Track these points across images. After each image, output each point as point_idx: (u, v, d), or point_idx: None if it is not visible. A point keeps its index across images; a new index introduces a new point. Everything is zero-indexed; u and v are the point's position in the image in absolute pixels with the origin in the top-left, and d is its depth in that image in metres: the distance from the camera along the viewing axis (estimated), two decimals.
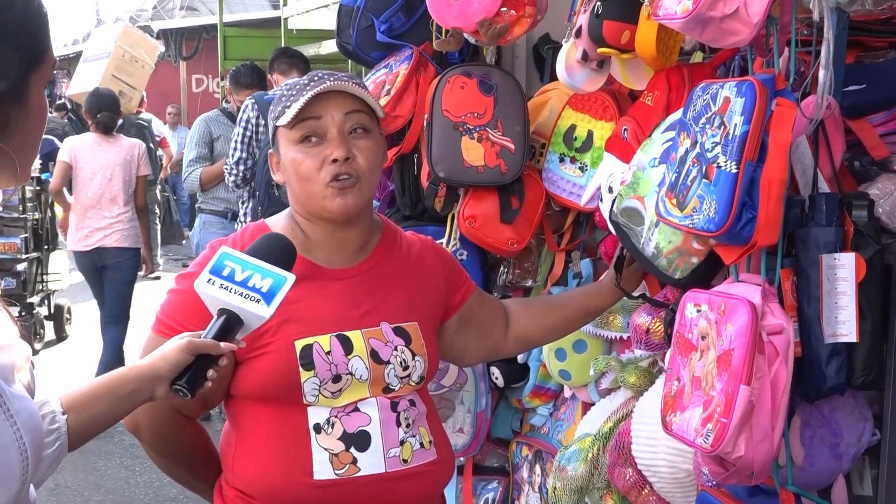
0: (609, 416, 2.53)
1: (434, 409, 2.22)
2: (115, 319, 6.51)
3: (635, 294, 2.41)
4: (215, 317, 1.78)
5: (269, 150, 2.17)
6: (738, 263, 2.01)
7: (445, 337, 2.29)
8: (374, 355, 2.06)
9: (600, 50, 2.34)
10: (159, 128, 11.06)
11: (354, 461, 2.03)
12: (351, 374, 2.03)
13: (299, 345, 2.02)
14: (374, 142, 2.12)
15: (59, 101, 17.76)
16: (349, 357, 2.04)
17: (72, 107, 14.52)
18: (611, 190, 2.47)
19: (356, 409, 2.04)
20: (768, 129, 1.88)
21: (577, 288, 2.67)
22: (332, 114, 2.07)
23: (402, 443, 2.07)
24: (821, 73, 1.94)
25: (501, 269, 3.03)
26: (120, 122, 10.89)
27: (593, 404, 2.70)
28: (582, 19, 2.39)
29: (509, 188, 2.82)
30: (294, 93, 2.08)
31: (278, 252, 1.87)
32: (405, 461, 2.06)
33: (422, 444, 2.10)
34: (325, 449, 2.02)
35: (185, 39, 15.61)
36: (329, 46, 5.97)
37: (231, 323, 1.76)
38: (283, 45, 6.55)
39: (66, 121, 13.51)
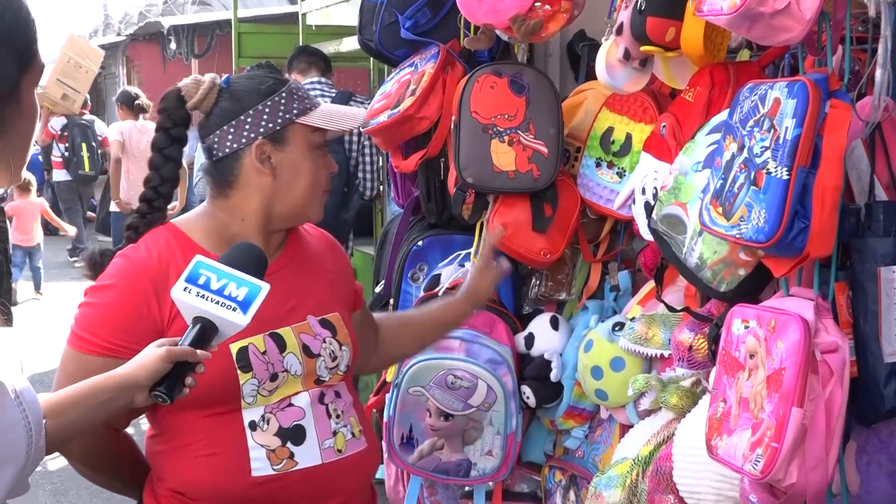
0: (649, 439, 2.52)
1: (359, 400, 2.36)
2: None
3: (678, 308, 2.40)
4: (191, 325, 1.88)
5: (261, 138, 2.17)
6: (789, 276, 1.99)
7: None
8: (305, 350, 2.20)
9: (643, 48, 2.34)
10: (101, 128, 12.20)
11: (291, 455, 2.16)
12: (286, 370, 2.16)
13: (234, 348, 2.12)
14: None
15: None
16: (283, 355, 2.17)
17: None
18: (644, 191, 2.46)
19: (290, 405, 2.18)
20: (822, 132, 1.87)
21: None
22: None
23: (334, 433, 2.22)
24: (877, 73, 1.93)
25: (533, 281, 3.03)
26: (65, 121, 11.77)
27: (632, 426, 2.69)
28: (623, 15, 2.38)
29: (542, 195, 2.81)
30: (307, 95, 2.20)
31: (250, 261, 1.98)
32: (339, 451, 2.22)
33: (353, 434, 2.25)
34: (262, 446, 2.15)
35: (197, 36, 15.69)
36: (350, 44, 5.96)
37: (206, 331, 1.88)
38: (301, 43, 6.56)
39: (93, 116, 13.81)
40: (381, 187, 5.61)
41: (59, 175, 12.22)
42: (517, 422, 2.91)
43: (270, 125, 2.19)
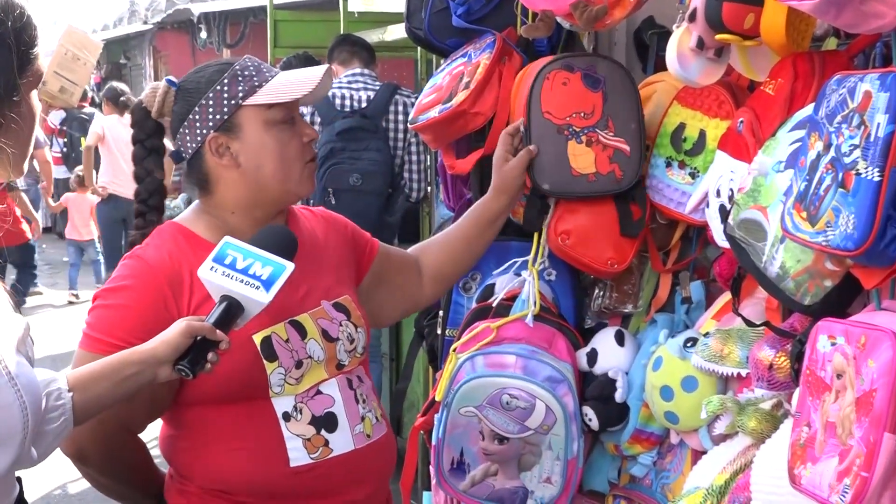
0: (724, 467, 2.50)
1: (373, 383, 2.59)
2: None
3: (757, 322, 2.39)
4: (217, 302, 2.11)
5: (212, 132, 2.35)
6: (882, 288, 1.98)
7: (361, 300, 2.62)
8: (325, 335, 2.42)
9: (719, 36, 2.33)
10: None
11: (327, 443, 2.38)
12: (310, 357, 2.38)
13: (257, 338, 2.33)
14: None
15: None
16: (305, 341, 2.38)
17: (100, 101, 15.52)
18: (719, 194, 2.45)
19: (319, 392, 2.40)
20: None
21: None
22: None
23: (362, 419, 2.45)
24: None
25: (597, 292, 3.03)
26: (64, 115, 12.23)
27: (705, 452, 2.68)
28: (697, 1, 2.38)
29: (627, 195, 2.82)
30: (253, 72, 2.33)
31: (280, 242, 2.21)
32: (368, 436, 2.45)
33: (376, 418, 2.51)
34: (298, 435, 2.36)
35: (229, 24, 15.82)
36: (396, 32, 6.02)
37: (232, 309, 2.10)
38: (342, 31, 6.61)
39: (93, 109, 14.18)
40: (429, 188, 5.63)
41: (58, 172, 12.60)
42: (579, 446, 2.90)
43: (218, 116, 2.34)
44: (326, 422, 2.40)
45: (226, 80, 2.34)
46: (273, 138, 2.35)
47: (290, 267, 2.14)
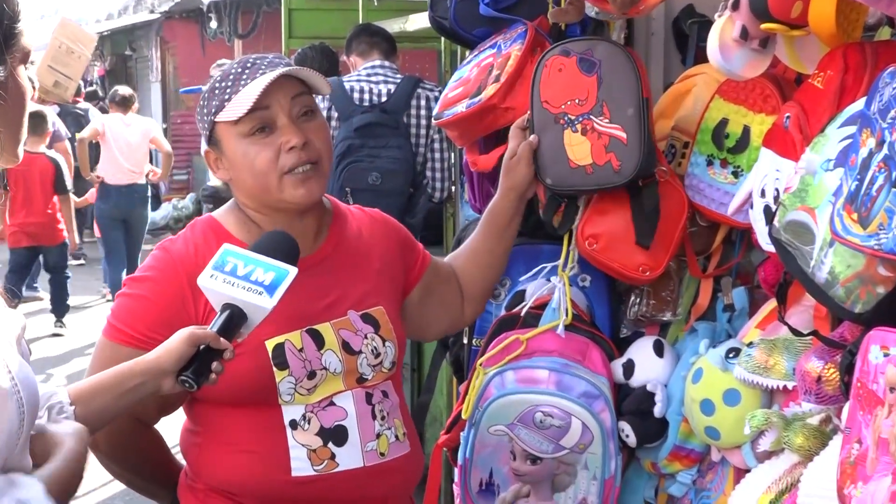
0: (769, 487, 2.50)
1: (405, 401, 2.62)
2: None
3: (804, 331, 2.39)
4: (219, 312, 2.16)
5: (206, 146, 2.51)
6: None
7: (408, 313, 2.71)
8: (345, 347, 2.46)
9: (764, 26, 2.32)
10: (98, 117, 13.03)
11: (333, 456, 2.42)
12: (325, 368, 2.43)
13: (270, 345, 2.40)
14: (322, 121, 2.52)
15: (89, 89, 18.30)
16: (322, 351, 2.43)
17: (104, 95, 15.72)
18: (763, 194, 2.44)
19: (332, 404, 2.44)
20: None
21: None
22: (280, 101, 2.41)
23: (378, 436, 2.48)
24: None
25: (633, 299, 3.02)
26: (58, 110, 12.60)
27: (748, 471, 2.67)
28: None
29: (639, 198, 2.77)
30: (230, 84, 2.42)
31: (280, 247, 2.25)
32: (382, 454, 2.47)
33: (397, 437, 2.52)
34: (303, 445, 2.41)
35: (240, 13, 15.88)
36: (418, 22, 6.01)
37: (235, 317, 2.15)
38: (361, 21, 6.62)
39: (97, 110, 14.34)
40: (454, 188, 5.63)
41: None
42: (616, 465, 2.90)
43: (204, 132, 2.50)
44: (335, 435, 2.44)
45: (207, 94, 2.47)
46: (242, 152, 2.44)
47: (293, 271, 2.19)
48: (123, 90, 11.85)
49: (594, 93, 2.74)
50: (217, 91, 2.45)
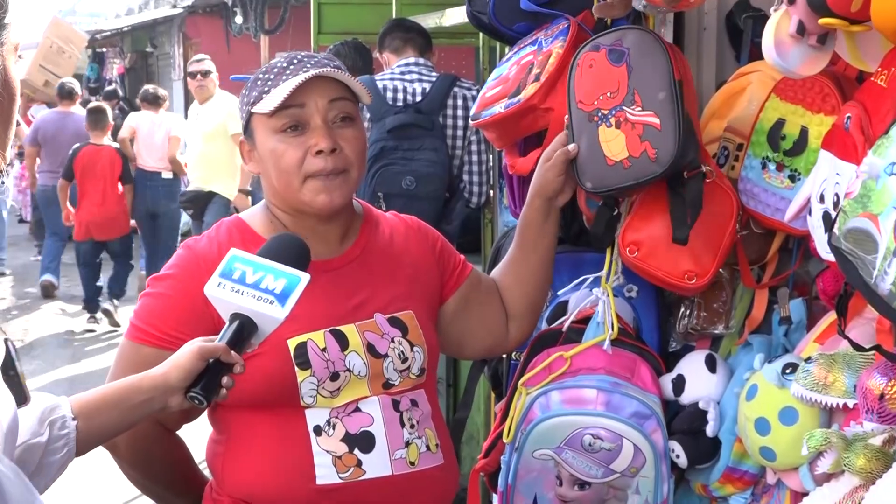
0: None
1: (439, 412, 2.64)
2: None
3: (866, 346, 2.38)
4: (227, 322, 2.16)
5: (241, 137, 2.59)
6: None
7: (444, 325, 2.75)
8: (370, 349, 2.50)
9: (823, 21, 2.31)
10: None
11: (359, 463, 2.45)
12: (349, 370, 2.46)
13: (292, 343, 2.44)
14: (360, 130, 2.56)
15: (108, 89, 18.44)
16: (346, 353, 2.46)
17: (124, 94, 15.93)
18: (822, 199, 2.43)
19: (357, 409, 2.47)
20: None
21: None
22: (316, 101, 2.47)
23: (407, 444, 2.50)
24: None
25: (682, 310, 3.02)
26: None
27: (806, 494, 2.66)
28: None
29: (680, 191, 2.71)
30: (272, 76, 2.49)
31: (291, 252, 2.27)
32: (412, 463, 2.49)
33: (428, 447, 2.54)
34: (328, 451, 2.44)
35: (267, 8, 15.94)
36: (455, 16, 6.01)
37: (244, 328, 2.15)
38: (395, 15, 6.63)
39: (117, 111, 14.54)
40: (492, 192, 5.64)
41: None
42: (669, 487, 2.89)
43: (242, 122, 2.57)
44: (361, 441, 2.46)
45: (249, 84, 2.54)
46: (271, 147, 2.51)
47: (305, 278, 2.19)
48: (155, 89, 12.50)
49: (625, 82, 2.71)
50: (259, 82, 2.52)
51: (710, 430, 2.87)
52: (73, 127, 12.47)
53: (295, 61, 2.50)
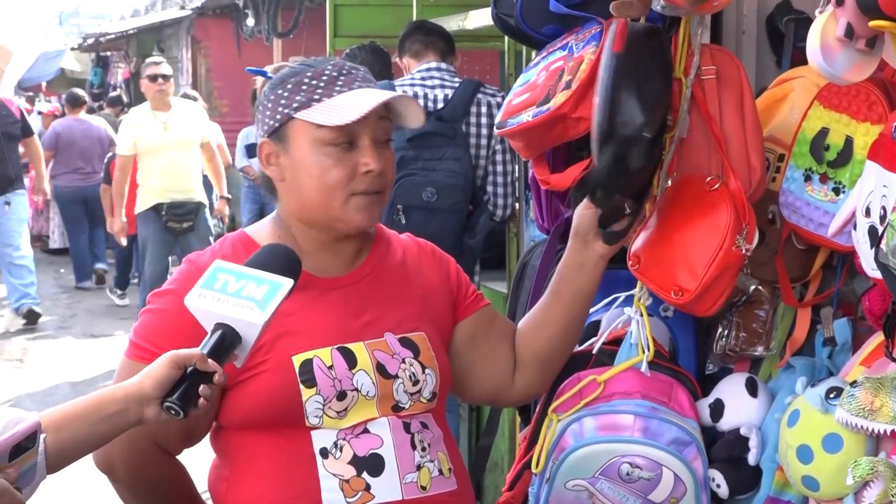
0: None
1: (451, 436, 2.64)
2: None
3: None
4: (209, 332, 2.20)
5: (265, 137, 2.55)
6: None
7: (450, 355, 2.70)
8: (380, 369, 2.50)
9: (873, 23, 2.31)
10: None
11: (367, 487, 2.44)
12: (356, 389, 2.46)
13: (298, 360, 2.45)
14: (393, 151, 2.60)
15: (112, 94, 18.52)
16: (353, 371, 2.47)
17: (129, 100, 16.04)
18: (868, 213, 2.43)
19: (366, 431, 2.47)
20: None
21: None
22: (370, 119, 2.48)
23: (419, 468, 2.50)
24: None
25: (720, 331, 3.01)
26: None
27: None
28: None
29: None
30: (322, 85, 2.49)
31: (279, 261, 2.31)
32: (423, 488, 2.49)
33: (440, 471, 2.54)
34: (334, 475, 2.44)
35: (280, 9, 15.99)
36: (479, 19, 6.02)
37: (226, 337, 2.19)
38: (415, 18, 6.63)
39: (119, 119, 14.59)
40: (517, 205, 5.63)
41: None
42: None
43: (270, 122, 2.55)
44: (370, 464, 2.46)
45: (290, 84, 2.51)
46: (315, 160, 2.50)
47: (287, 283, 2.23)
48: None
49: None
50: (305, 87, 2.51)
51: (752, 458, 2.86)
52: (87, 132, 13.62)
53: (344, 72, 2.53)
